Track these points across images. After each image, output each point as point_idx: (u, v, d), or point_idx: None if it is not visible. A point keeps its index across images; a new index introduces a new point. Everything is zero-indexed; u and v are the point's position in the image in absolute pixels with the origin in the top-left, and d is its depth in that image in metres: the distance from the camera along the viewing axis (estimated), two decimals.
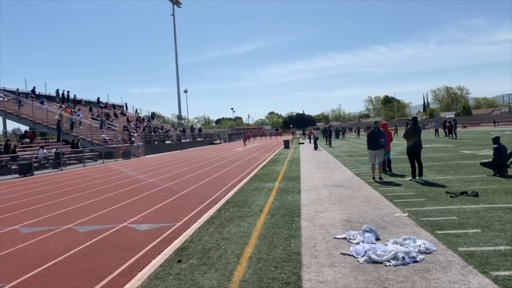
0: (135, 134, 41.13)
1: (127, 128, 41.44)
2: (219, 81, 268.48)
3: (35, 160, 23.27)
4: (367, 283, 4.12)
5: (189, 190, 12.22)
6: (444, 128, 37.56)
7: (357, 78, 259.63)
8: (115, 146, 32.86)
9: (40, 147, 25.43)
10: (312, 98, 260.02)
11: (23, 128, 35.25)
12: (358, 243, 5.37)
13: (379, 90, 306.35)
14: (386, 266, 4.59)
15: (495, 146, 11.21)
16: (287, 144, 35.86)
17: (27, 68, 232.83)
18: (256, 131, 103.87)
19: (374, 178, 11.46)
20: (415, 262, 4.64)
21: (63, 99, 44.50)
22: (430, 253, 4.90)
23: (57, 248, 6.28)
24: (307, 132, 54.99)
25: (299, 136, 74.05)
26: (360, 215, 7.25)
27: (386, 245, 5.17)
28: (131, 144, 35.10)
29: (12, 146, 23.84)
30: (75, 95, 47.61)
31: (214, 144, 61.58)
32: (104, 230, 7.31)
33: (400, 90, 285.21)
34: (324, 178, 12.72)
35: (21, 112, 34.53)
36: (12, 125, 42.58)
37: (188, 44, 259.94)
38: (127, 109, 58.23)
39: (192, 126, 77.05)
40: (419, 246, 5.01)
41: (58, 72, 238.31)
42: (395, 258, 4.69)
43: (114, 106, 55.31)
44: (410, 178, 11.10)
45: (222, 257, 5.27)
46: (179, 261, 5.22)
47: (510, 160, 11.17)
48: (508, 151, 11.21)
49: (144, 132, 44.22)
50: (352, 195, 9.40)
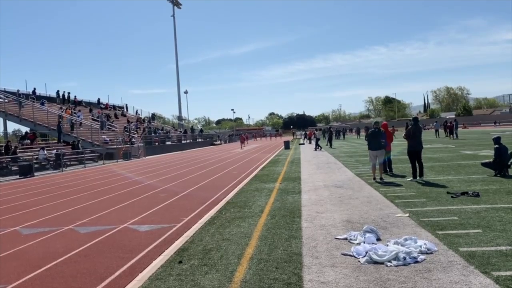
0: (136, 135, 41.16)
1: (127, 129, 41.44)
2: (219, 82, 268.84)
3: (36, 161, 23.24)
4: (368, 284, 4.12)
5: (189, 191, 12.22)
6: (444, 128, 37.54)
7: (357, 79, 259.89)
8: (115, 147, 32.85)
9: (41, 148, 25.42)
10: (312, 98, 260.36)
11: (24, 129, 35.31)
12: (359, 244, 5.36)
13: (379, 90, 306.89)
14: (387, 266, 4.58)
15: (496, 146, 11.21)
16: (287, 145, 35.87)
17: (27, 69, 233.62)
18: (256, 131, 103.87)
19: (374, 178, 11.46)
20: (416, 262, 4.64)
21: (63, 100, 44.55)
22: (431, 253, 4.90)
23: (57, 249, 6.29)
24: (307, 132, 54.83)
25: (299, 136, 73.97)
26: (361, 215, 7.24)
27: (387, 245, 5.16)
28: (131, 145, 35.09)
29: (12, 147, 23.86)
30: (76, 96, 47.72)
31: (214, 145, 61.59)
32: (105, 231, 7.31)
33: (400, 90, 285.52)
34: (325, 179, 12.72)
35: (21, 113, 34.57)
36: (12, 126, 42.59)
37: (188, 45, 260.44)
38: (127, 110, 58.28)
39: (193, 127, 76.97)
40: (420, 247, 5.00)
41: (58, 73, 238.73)
42: (396, 258, 4.68)
43: (114, 107, 55.33)
44: (410, 179, 11.10)
45: (223, 257, 5.27)
46: (180, 262, 5.22)
47: (511, 160, 11.15)
48: (509, 151, 11.20)
49: (144, 133, 44.24)
50: (353, 195, 9.39)
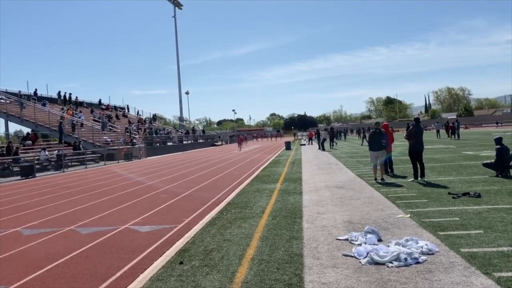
0: (137, 136, 41.18)
1: (128, 130, 41.47)
2: (220, 82, 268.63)
3: (37, 162, 23.29)
4: (369, 284, 4.11)
5: (190, 191, 12.22)
6: (446, 129, 37.50)
7: (358, 79, 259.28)
8: (116, 148, 32.87)
9: (42, 149, 25.46)
10: (313, 99, 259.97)
11: (25, 130, 35.41)
12: (360, 244, 5.35)
13: (380, 91, 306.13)
14: (388, 267, 4.57)
15: (498, 147, 11.19)
16: (288, 145, 35.86)
17: (29, 70, 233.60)
18: (257, 132, 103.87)
19: (376, 179, 11.44)
20: (418, 263, 4.63)
21: (64, 101, 44.58)
22: (432, 254, 4.89)
23: (59, 250, 6.29)
24: (308, 133, 54.86)
25: (300, 137, 73.92)
26: (362, 216, 7.24)
27: (388, 246, 5.16)
28: (132, 146, 35.12)
29: (14, 148, 23.92)
30: (77, 97, 47.78)
31: (215, 145, 61.63)
32: (106, 232, 7.32)
33: (401, 91, 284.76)
34: (326, 179, 12.71)
35: (23, 114, 34.62)
36: (14, 127, 42.66)
37: (189, 45, 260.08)
38: (128, 111, 58.32)
39: (194, 127, 77.08)
40: (422, 247, 4.99)
41: (59, 74, 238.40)
42: (397, 259, 4.67)
43: (115, 108, 55.37)
44: (412, 179, 11.09)
45: (224, 258, 5.27)
46: (181, 262, 5.22)
47: None
48: (511, 152, 11.18)
49: (145, 133, 44.28)
50: (354, 196, 9.38)
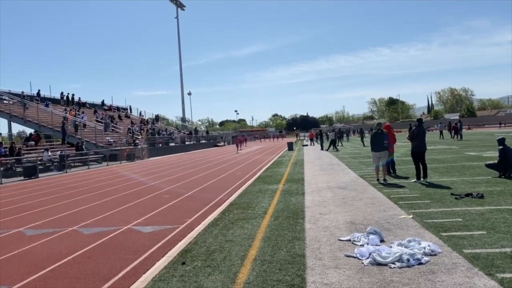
0: (139, 137, 41.26)
1: (131, 131, 41.58)
2: (223, 83, 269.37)
3: (40, 162, 23.36)
4: (371, 285, 4.11)
5: (193, 192, 12.23)
6: (449, 129, 37.42)
7: (360, 80, 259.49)
8: (119, 148, 32.94)
9: (45, 150, 25.53)
10: (316, 100, 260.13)
11: (28, 130, 35.36)
12: (363, 245, 5.34)
13: (383, 91, 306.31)
14: (390, 268, 4.57)
15: (501, 147, 11.15)
16: (291, 146, 35.84)
17: (32, 71, 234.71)
18: (260, 133, 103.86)
19: (378, 180, 11.42)
20: (420, 264, 4.62)
21: (67, 102, 44.67)
22: (435, 255, 4.88)
23: (61, 250, 6.31)
24: (308, 134, 54.94)
25: (303, 138, 73.85)
26: (364, 217, 7.22)
27: (391, 247, 5.15)
28: (135, 147, 35.18)
29: (17, 149, 23.98)
30: (80, 98, 47.83)
31: (218, 146, 61.66)
32: (108, 232, 7.33)
33: (404, 91, 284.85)
34: (328, 180, 12.70)
35: (26, 115, 34.72)
36: (17, 127, 42.91)
37: (192, 46, 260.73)
38: (131, 111, 58.40)
39: (196, 128, 77.15)
40: (424, 248, 4.98)
41: (62, 75, 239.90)
42: (400, 260, 4.66)
43: (118, 109, 55.47)
44: (414, 180, 11.06)
45: (226, 259, 5.27)
46: (183, 263, 5.23)
47: None
48: None
49: (148, 134, 44.33)
50: (357, 197, 9.37)
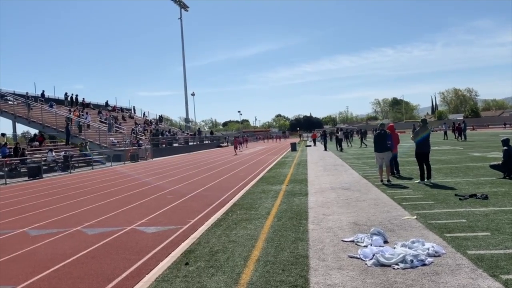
0: (143, 137, 41.36)
1: (135, 131, 41.69)
2: (226, 84, 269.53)
3: (44, 163, 23.47)
4: (375, 286, 4.10)
5: (196, 192, 12.25)
6: (453, 130, 37.27)
7: (364, 81, 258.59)
8: (123, 149, 33.01)
9: (49, 150, 25.64)
10: (319, 100, 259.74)
11: (33, 131, 35.57)
12: (366, 246, 5.33)
13: (386, 92, 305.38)
14: (394, 269, 4.55)
15: (505, 148, 11.10)
16: (294, 146, 35.82)
17: (36, 72, 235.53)
18: (263, 133, 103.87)
19: (382, 180, 11.40)
20: (424, 265, 4.60)
21: (71, 103, 44.86)
22: (439, 256, 4.86)
23: (65, 250, 6.33)
24: (311, 134, 54.94)
25: (306, 138, 73.75)
26: (368, 218, 7.21)
27: (395, 248, 5.13)
28: (139, 147, 35.25)
29: (21, 149, 24.09)
30: (84, 99, 48.05)
31: (221, 147, 61.67)
32: (112, 233, 7.36)
33: (408, 92, 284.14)
34: (332, 181, 12.68)
35: (30, 115, 34.90)
36: (21, 128, 43.06)
37: (195, 47, 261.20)
38: (135, 112, 58.61)
39: (199, 129, 77.25)
40: (428, 249, 4.97)
41: (66, 76, 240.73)
42: (403, 261, 4.65)
43: (122, 109, 55.64)
44: (418, 181, 11.03)
45: (230, 259, 5.27)
46: (187, 263, 5.23)
47: None
48: None
49: (151, 135, 44.44)
50: (360, 197, 9.35)
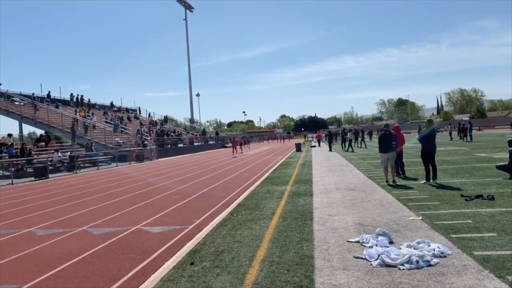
0: (148, 138, 41.51)
1: (140, 132, 41.85)
2: (231, 84, 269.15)
3: (50, 163, 23.62)
4: (380, 287, 4.09)
5: (201, 192, 12.27)
6: (458, 131, 37.02)
7: (369, 81, 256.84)
8: (128, 149, 33.16)
9: (55, 151, 25.81)
10: (324, 101, 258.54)
11: (39, 131, 35.86)
12: (372, 247, 5.32)
13: (392, 92, 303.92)
14: (399, 270, 4.54)
15: (511, 149, 11.02)
16: (299, 147, 35.75)
17: (42, 72, 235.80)
18: (268, 134, 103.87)
19: (387, 181, 11.36)
20: (430, 266, 4.59)
21: (77, 103, 45.13)
22: (444, 257, 4.84)
23: (71, 250, 6.37)
24: (316, 135, 54.98)
25: (311, 139, 73.64)
26: (373, 218, 7.19)
27: (400, 248, 5.12)
28: (144, 148, 35.39)
29: (28, 150, 24.27)
30: (89, 99, 48.30)
31: (225, 147, 61.72)
32: (117, 233, 7.39)
33: (413, 92, 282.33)
34: (337, 181, 12.65)
35: (36, 116, 35.14)
36: (28, 129, 43.41)
37: (200, 48, 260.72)
38: (140, 112, 58.87)
39: (204, 129, 77.42)
40: (434, 250, 4.95)
41: (72, 77, 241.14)
42: (409, 261, 4.64)
43: (127, 110, 55.92)
44: (424, 181, 10.98)
45: (235, 259, 5.28)
46: (192, 263, 5.25)
47: None
48: None
49: (157, 135, 44.58)
50: (365, 198, 9.32)
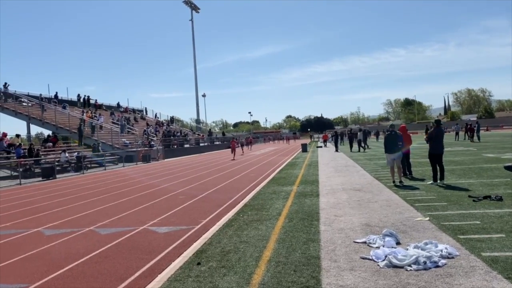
0: (155, 138, 41.67)
1: (146, 132, 42.02)
2: (237, 85, 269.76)
3: (58, 163, 23.79)
4: None
5: (207, 193, 12.29)
6: (466, 131, 36.74)
7: (376, 81, 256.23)
8: (135, 150, 33.31)
9: (62, 151, 25.98)
10: (330, 101, 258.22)
11: (46, 132, 36.11)
12: (378, 247, 5.30)
13: (398, 92, 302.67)
14: (407, 270, 4.52)
15: None
16: (305, 147, 35.71)
17: (50, 73, 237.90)
18: (273, 134, 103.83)
19: (394, 181, 11.31)
20: (437, 267, 4.56)
21: (84, 104, 45.42)
22: (452, 258, 4.81)
23: (79, 250, 6.41)
24: (322, 135, 54.91)
25: (317, 139, 73.48)
26: (380, 219, 7.16)
27: (407, 249, 5.09)
28: (150, 148, 35.53)
29: (35, 150, 24.45)
30: (96, 100, 48.60)
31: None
32: (124, 232, 7.42)
33: (420, 92, 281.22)
34: (343, 182, 12.61)
35: (44, 116, 35.41)
36: (35, 129, 43.87)
37: (206, 48, 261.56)
38: (146, 113, 59.13)
39: (210, 130, 77.56)
40: (441, 251, 4.92)
41: (79, 77, 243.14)
42: (416, 262, 4.61)
43: (134, 111, 56.20)
44: (431, 182, 10.91)
45: (241, 260, 5.28)
46: (199, 263, 5.26)
47: None
48: None
49: (163, 136, 44.75)
50: (372, 199, 9.29)
